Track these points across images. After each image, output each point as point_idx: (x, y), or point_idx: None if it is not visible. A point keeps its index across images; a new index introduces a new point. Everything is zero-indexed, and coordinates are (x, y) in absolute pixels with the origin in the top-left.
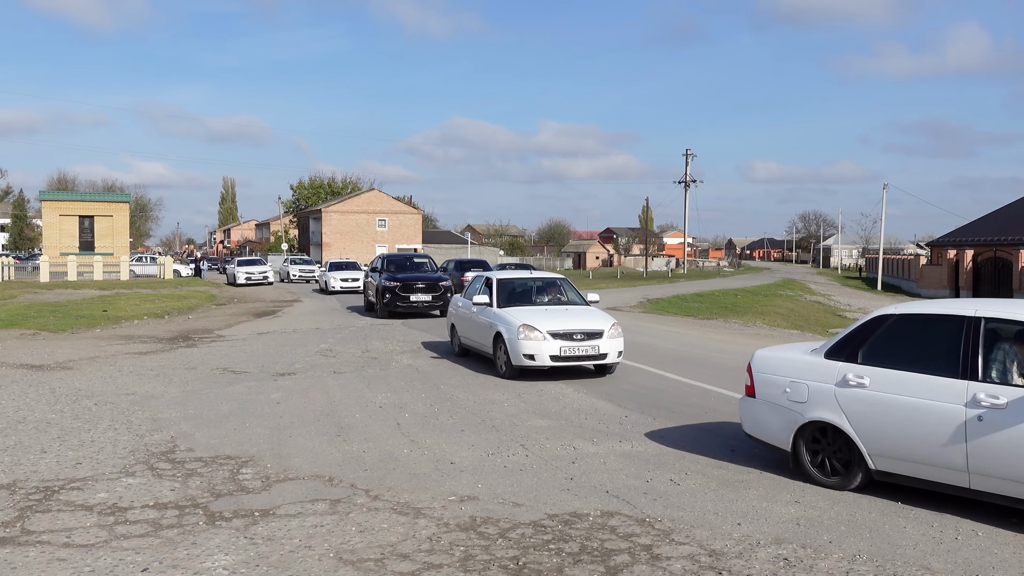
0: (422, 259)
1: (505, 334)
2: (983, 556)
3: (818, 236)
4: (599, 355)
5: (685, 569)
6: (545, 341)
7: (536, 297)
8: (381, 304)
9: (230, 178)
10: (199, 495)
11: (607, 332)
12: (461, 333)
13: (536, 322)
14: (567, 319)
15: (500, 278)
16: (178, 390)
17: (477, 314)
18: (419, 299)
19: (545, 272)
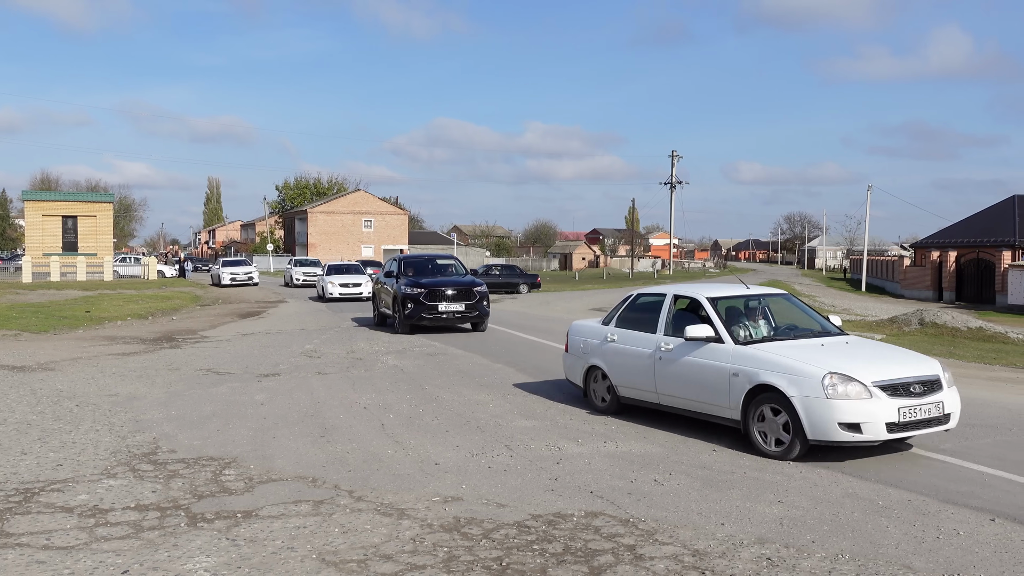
0: (448, 261)
1: (793, 389)
2: (964, 555)
3: (803, 237)
4: (942, 417)
5: (668, 569)
6: (873, 400)
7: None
8: (402, 316)
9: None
10: (181, 496)
11: (943, 380)
12: (626, 383)
13: (846, 368)
14: (877, 361)
15: (712, 295)
16: (161, 391)
17: (687, 355)
18: (450, 309)
19: (761, 286)
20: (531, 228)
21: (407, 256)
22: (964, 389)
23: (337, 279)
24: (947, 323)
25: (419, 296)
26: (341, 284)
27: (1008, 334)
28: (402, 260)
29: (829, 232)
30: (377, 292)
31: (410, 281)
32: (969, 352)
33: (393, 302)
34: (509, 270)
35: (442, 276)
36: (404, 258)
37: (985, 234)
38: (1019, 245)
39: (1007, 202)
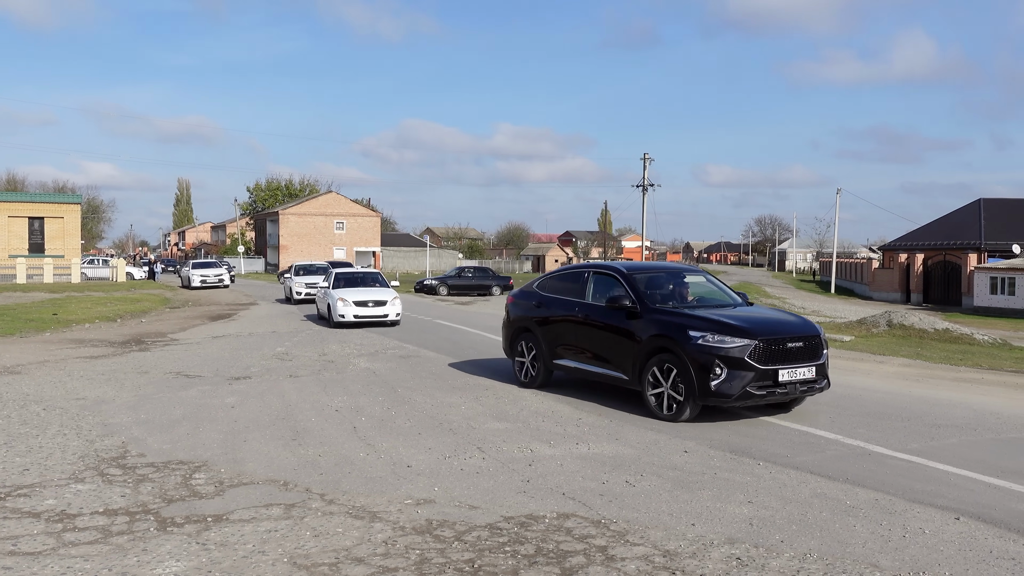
0: None
1: None
2: (929, 553)
3: (774, 240)
4: None
5: (639, 570)
6: None
7: None
8: None
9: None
10: (150, 501)
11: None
12: None
13: None
14: None
15: None
16: (130, 395)
17: None
18: None
19: None
20: (504, 230)
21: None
22: (931, 390)
23: (351, 294)
24: (914, 325)
25: None
26: (357, 303)
27: (974, 335)
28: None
29: (799, 235)
30: None
31: None
32: (936, 353)
33: None
34: (482, 272)
35: None
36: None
37: (951, 237)
38: (984, 248)
39: (972, 206)
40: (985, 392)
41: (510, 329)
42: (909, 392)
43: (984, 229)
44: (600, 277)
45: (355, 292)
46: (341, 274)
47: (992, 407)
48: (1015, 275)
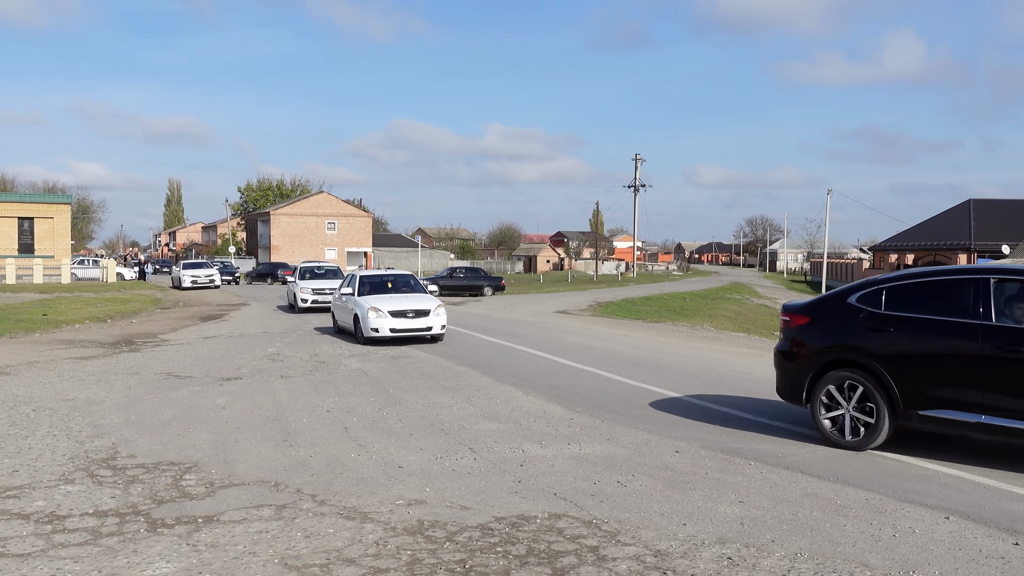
0: None
1: None
2: (920, 552)
3: (765, 240)
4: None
5: (631, 570)
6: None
7: None
8: None
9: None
10: (140, 502)
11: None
12: None
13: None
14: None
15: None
16: (120, 395)
17: None
18: None
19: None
20: (495, 231)
21: None
22: None
23: (384, 302)
24: None
25: None
26: (393, 313)
27: None
28: None
29: (790, 235)
30: None
31: None
32: None
33: None
34: (473, 273)
35: None
36: None
37: (941, 237)
38: (974, 249)
39: (962, 206)
40: None
41: (811, 363)
42: None
43: (974, 230)
44: (1015, 286)
45: (389, 300)
46: (368, 278)
47: None
48: None
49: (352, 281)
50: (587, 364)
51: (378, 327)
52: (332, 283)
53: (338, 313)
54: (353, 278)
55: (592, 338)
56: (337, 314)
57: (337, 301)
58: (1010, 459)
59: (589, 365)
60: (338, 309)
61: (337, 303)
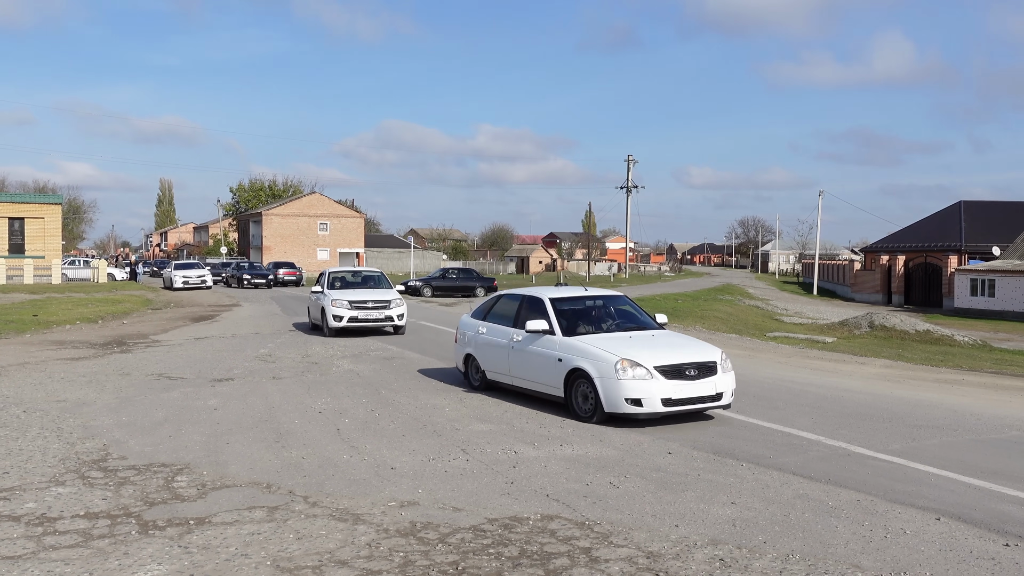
0: None
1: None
2: (911, 554)
3: (757, 242)
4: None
5: (623, 571)
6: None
7: None
8: None
9: (167, 180)
10: (132, 504)
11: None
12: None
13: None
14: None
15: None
16: (111, 397)
17: None
18: None
19: None
20: (488, 231)
21: None
22: (911, 391)
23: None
24: (896, 326)
25: None
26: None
27: (954, 336)
28: None
29: (782, 236)
30: None
31: None
32: (917, 355)
33: None
34: (466, 273)
35: None
36: None
37: (932, 239)
38: (965, 250)
39: (953, 208)
40: (965, 393)
41: None
42: (890, 393)
43: (965, 231)
44: None
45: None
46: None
47: (972, 408)
48: (995, 277)
49: (322, 278)
50: None
51: (341, 316)
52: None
53: (312, 309)
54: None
55: None
56: (311, 310)
57: (311, 298)
58: (1001, 460)
59: None
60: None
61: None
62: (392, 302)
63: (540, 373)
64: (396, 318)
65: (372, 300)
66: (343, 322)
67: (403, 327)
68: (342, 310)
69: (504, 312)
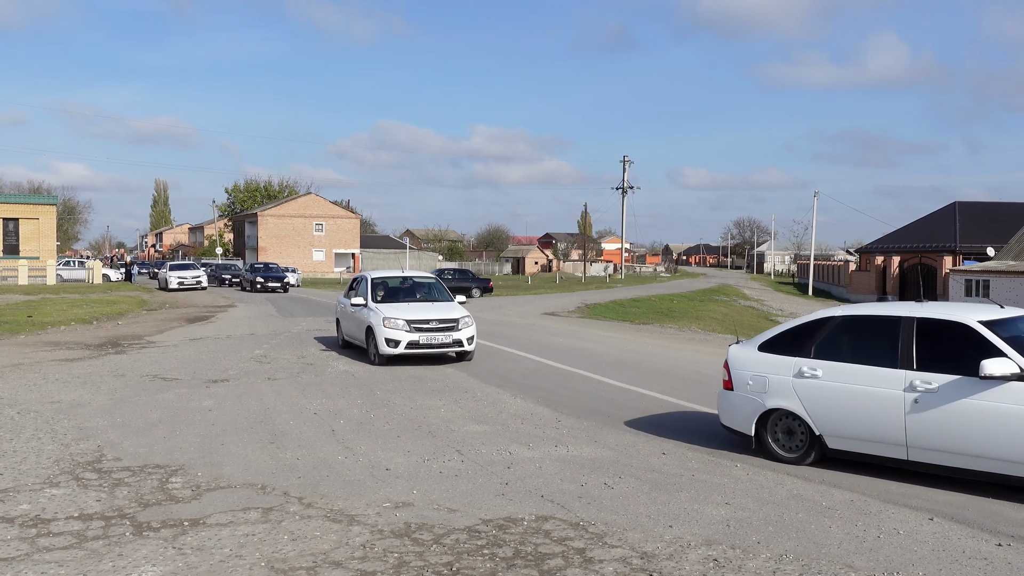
0: None
1: None
2: (903, 554)
3: (752, 242)
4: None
5: (617, 572)
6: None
7: None
8: None
9: (162, 181)
10: (126, 505)
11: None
12: None
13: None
14: None
15: None
16: (106, 398)
17: None
18: None
19: None
20: (483, 232)
21: None
22: None
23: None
24: None
25: None
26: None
27: None
28: None
29: (777, 237)
30: None
31: None
32: None
33: None
34: (462, 274)
35: None
36: None
37: (927, 240)
38: (960, 251)
39: (948, 208)
40: None
41: None
42: None
43: (959, 232)
44: None
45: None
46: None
47: None
48: (989, 278)
49: (363, 285)
50: (575, 366)
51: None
52: (440, 309)
53: (346, 323)
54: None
55: (580, 340)
56: (344, 324)
57: (346, 308)
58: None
59: (577, 367)
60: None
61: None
62: (460, 321)
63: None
64: (466, 342)
65: (436, 319)
66: (400, 348)
67: (471, 353)
68: (398, 332)
69: None
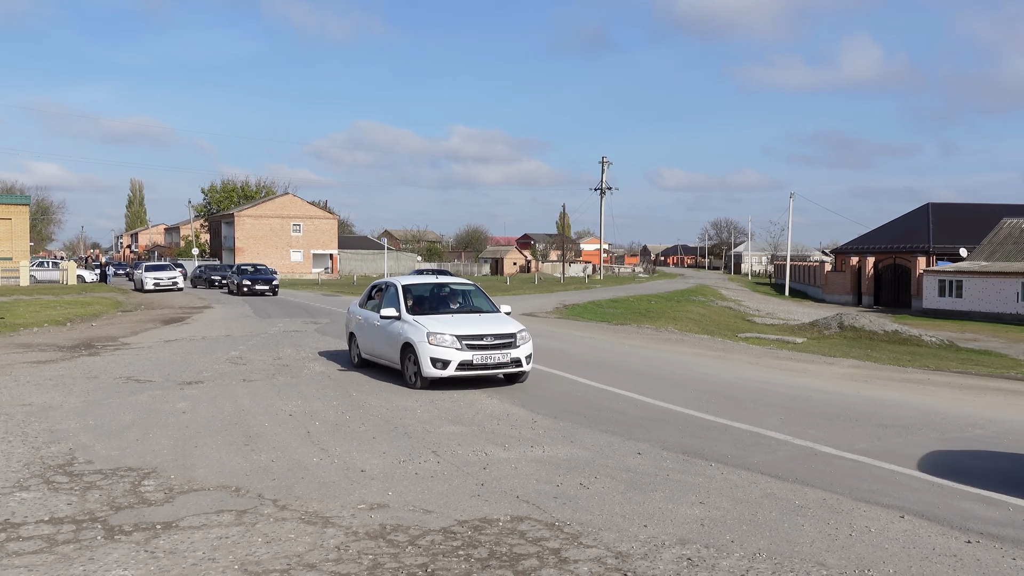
0: None
1: None
2: (874, 551)
3: (729, 243)
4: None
5: (592, 571)
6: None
7: None
8: None
9: (138, 181)
10: (98, 509)
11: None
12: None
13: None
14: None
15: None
16: (78, 400)
17: None
18: None
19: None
20: (462, 233)
21: None
22: (878, 391)
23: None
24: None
25: None
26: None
27: (922, 337)
28: None
29: (754, 238)
30: None
31: None
32: (885, 355)
33: None
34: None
35: None
36: None
37: (901, 240)
38: (933, 251)
39: (921, 210)
40: (931, 393)
41: None
42: (857, 393)
43: (933, 233)
44: None
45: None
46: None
47: (937, 407)
48: (963, 278)
49: (393, 293)
50: (551, 367)
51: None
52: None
53: (366, 337)
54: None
55: (557, 340)
56: (364, 339)
57: (366, 321)
58: (964, 459)
59: (553, 367)
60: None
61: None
62: (518, 337)
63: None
64: (524, 360)
65: (490, 335)
66: (449, 369)
67: (527, 373)
68: (447, 351)
69: None
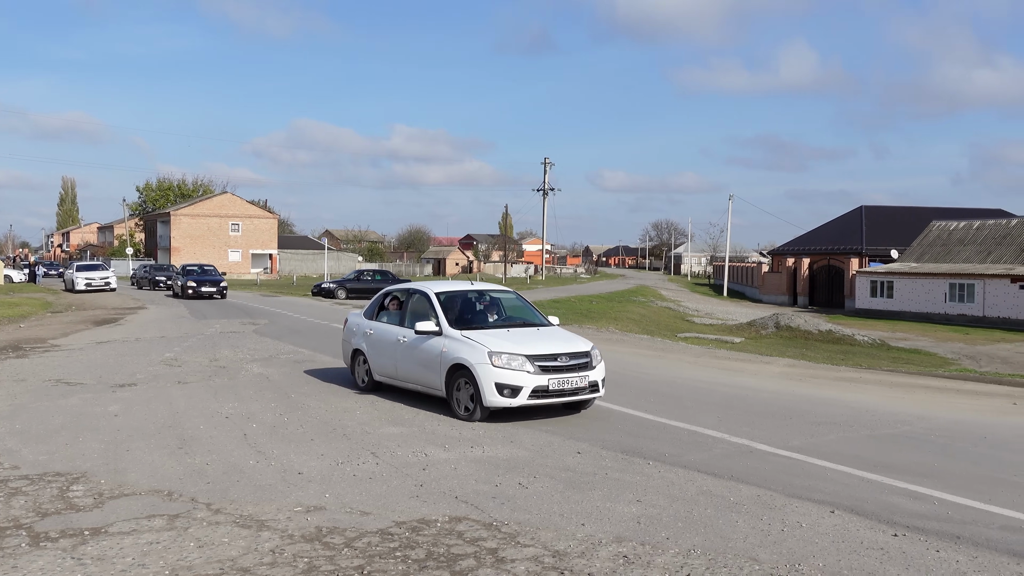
0: None
1: None
2: (805, 546)
3: (670, 244)
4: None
5: (529, 571)
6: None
7: None
8: None
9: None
10: (23, 515)
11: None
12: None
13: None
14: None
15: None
16: (4, 404)
17: None
18: None
19: None
20: (404, 233)
21: None
22: (813, 389)
23: (511, 342)
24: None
25: None
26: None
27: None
28: None
29: (694, 239)
30: None
31: None
32: (819, 354)
33: None
34: (382, 275)
35: None
36: None
37: (835, 242)
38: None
39: (855, 212)
40: (862, 390)
41: None
42: (792, 391)
43: (865, 235)
44: None
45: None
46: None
47: (868, 405)
48: (894, 279)
49: (424, 303)
50: None
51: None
52: (556, 339)
53: (383, 356)
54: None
55: None
56: (379, 358)
57: (381, 335)
58: (893, 454)
59: None
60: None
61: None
62: (592, 356)
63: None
64: (600, 384)
65: (565, 354)
66: (520, 397)
67: (598, 398)
68: (518, 374)
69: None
